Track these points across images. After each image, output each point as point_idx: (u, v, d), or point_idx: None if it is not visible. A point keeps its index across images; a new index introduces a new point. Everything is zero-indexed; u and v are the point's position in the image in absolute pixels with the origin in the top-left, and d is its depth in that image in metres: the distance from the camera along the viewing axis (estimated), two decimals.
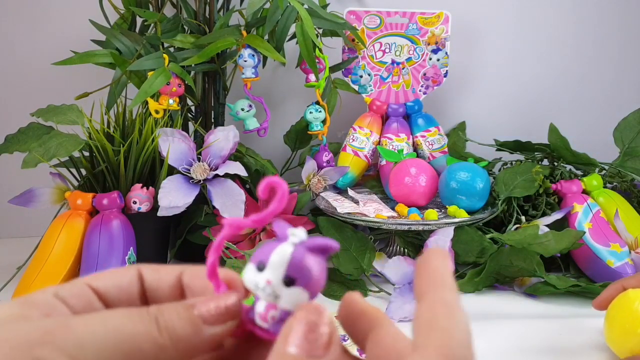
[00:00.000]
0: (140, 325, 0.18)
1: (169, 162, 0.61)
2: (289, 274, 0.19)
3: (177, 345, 0.19)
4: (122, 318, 0.18)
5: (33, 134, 0.61)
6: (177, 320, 0.19)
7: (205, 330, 0.19)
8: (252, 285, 0.20)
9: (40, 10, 0.78)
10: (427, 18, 0.76)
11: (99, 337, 0.17)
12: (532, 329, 0.54)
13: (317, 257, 0.20)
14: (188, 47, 0.66)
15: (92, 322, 0.18)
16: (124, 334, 0.18)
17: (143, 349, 0.18)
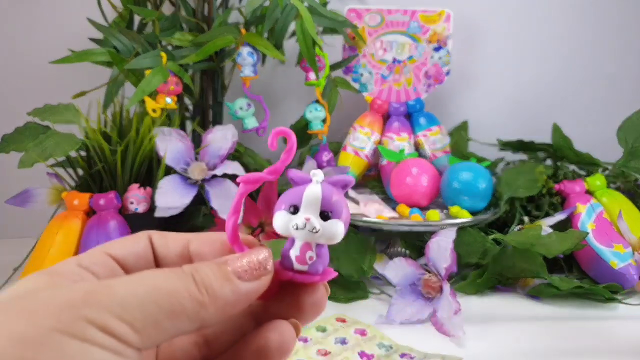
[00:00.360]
0: (178, 283, 0.18)
1: (167, 162, 0.60)
2: (324, 208, 0.20)
3: (216, 301, 0.19)
4: (159, 277, 0.18)
5: (30, 134, 0.61)
6: (213, 277, 0.19)
7: (240, 286, 0.19)
8: (287, 228, 0.20)
9: (37, 8, 0.77)
10: (429, 16, 0.76)
11: (141, 296, 0.17)
12: (535, 331, 0.53)
13: (340, 192, 0.21)
14: (186, 45, 0.66)
15: (131, 282, 0.18)
16: (163, 292, 0.18)
17: (185, 306, 0.18)
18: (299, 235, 0.20)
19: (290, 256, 0.20)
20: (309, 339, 0.51)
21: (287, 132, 0.22)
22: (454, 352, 0.49)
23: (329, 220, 0.21)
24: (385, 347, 0.50)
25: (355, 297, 0.60)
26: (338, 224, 0.21)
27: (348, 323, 0.54)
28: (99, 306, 0.17)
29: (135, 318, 0.17)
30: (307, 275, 0.21)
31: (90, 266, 0.20)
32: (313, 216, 0.20)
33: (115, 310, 0.17)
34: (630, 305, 0.58)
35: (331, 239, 0.21)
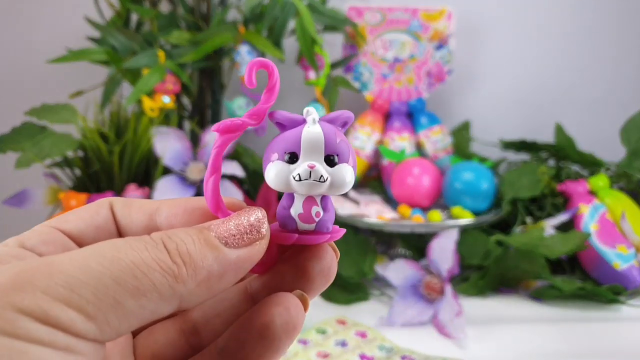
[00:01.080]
0: (144, 252, 0.14)
1: (165, 162, 0.59)
2: (329, 152, 0.17)
3: (196, 273, 0.14)
4: (119, 247, 0.14)
5: (27, 134, 0.60)
6: (192, 243, 0.15)
7: (228, 255, 0.15)
8: (286, 181, 0.17)
9: (34, 7, 0.77)
10: (430, 14, 0.75)
11: (94, 272, 0.13)
12: (538, 333, 0.53)
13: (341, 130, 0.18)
14: (184, 44, 0.65)
15: (80, 256, 0.14)
16: (125, 266, 0.13)
17: (154, 281, 0.14)
18: (301, 188, 0.17)
19: (292, 215, 0.17)
20: (309, 341, 0.50)
21: (267, 64, 0.18)
22: (455, 355, 0.48)
23: (337, 166, 0.17)
24: (386, 349, 0.49)
25: (355, 298, 0.60)
26: (347, 168, 0.17)
27: (348, 325, 0.53)
28: (35, 289, 0.13)
29: (87, 300, 0.13)
30: (316, 235, 0.17)
31: (37, 246, 0.16)
32: (317, 162, 0.17)
33: (58, 293, 0.13)
34: (633, 306, 0.58)
35: (340, 187, 0.17)
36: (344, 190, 0.17)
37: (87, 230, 0.17)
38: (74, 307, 0.13)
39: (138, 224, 0.17)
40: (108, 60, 0.62)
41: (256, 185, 0.67)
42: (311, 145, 0.16)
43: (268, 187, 0.64)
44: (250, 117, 0.18)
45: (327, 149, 0.17)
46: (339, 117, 0.18)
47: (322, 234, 0.17)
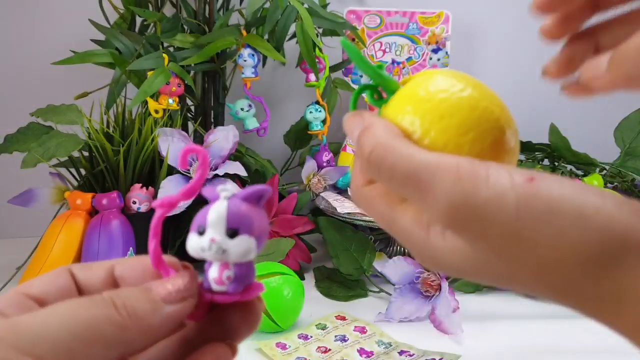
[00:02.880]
0: (96, 309, 0.17)
1: (169, 162, 0.60)
2: (229, 225, 0.19)
3: (139, 324, 0.18)
4: (75, 306, 0.17)
5: (32, 134, 0.61)
6: (135, 300, 0.18)
7: (165, 309, 0.19)
8: (198, 251, 0.19)
9: (39, 9, 0.78)
10: (428, 18, 0.76)
11: (54, 328, 0.16)
12: (533, 329, 0.54)
13: (252, 205, 0.20)
14: (188, 47, 0.66)
15: (42, 315, 0.17)
16: (80, 321, 0.17)
17: (104, 333, 0.17)
18: (209, 256, 0.19)
19: (208, 278, 0.20)
20: (310, 337, 0.52)
21: (196, 150, 0.20)
22: (452, 350, 0.49)
23: (237, 238, 0.19)
24: (385, 344, 0.50)
25: (354, 295, 0.61)
26: (248, 240, 0.19)
27: (348, 321, 0.55)
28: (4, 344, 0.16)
29: (47, 351, 0.16)
30: (227, 296, 0.20)
31: (4, 309, 0.18)
32: (219, 235, 0.19)
33: (23, 346, 0.16)
34: None
35: (243, 256, 0.19)
36: (249, 259, 0.19)
37: (50, 293, 0.20)
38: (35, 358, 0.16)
39: (98, 279, 0.21)
40: (112, 63, 0.64)
41: (258, 184, 0.68)
42: (213, 220, 0.19)
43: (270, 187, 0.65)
44: (184, 195, 0.20)
45: (229, 223, 0.19)
46: (254, 192, 0.20)
47: (232, 295, 0.20)
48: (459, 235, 0.21)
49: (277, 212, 0.66)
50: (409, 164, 0.22)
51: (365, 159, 0.23)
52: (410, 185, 0.22)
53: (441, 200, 0.21)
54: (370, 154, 0.23)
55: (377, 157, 0.23)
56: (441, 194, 0.21)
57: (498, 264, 0.21)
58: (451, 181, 0.21)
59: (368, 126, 0.24)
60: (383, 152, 0.22)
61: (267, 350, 0.49)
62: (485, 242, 0.21)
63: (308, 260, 0.67)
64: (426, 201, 0.21)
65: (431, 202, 0.21)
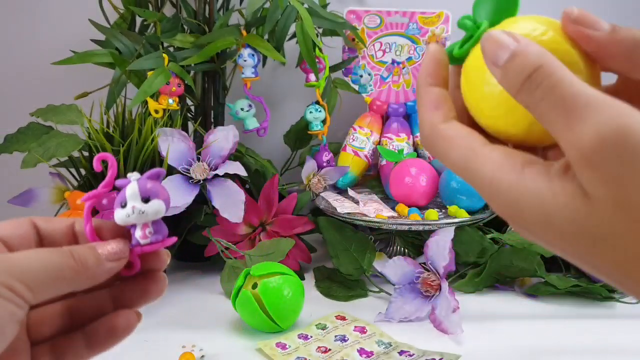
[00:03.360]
0: (61, 258, 0.25)
1: (169, 162, 0.61)
2: (142, 195, 0.27)
3: (87, 272, 0.26)
4: (48, 254, 0.25)
5: (32, 134, 0.61)
6: (87, 254, 0.26)
7: (106, 265, 0.26)
8: (124, 218, 0.27)
9: (39, 10, 0.78)
10: (428, 18, 0.76)
11: (35, 265, 0.24)
12: (533, 329, 0.54)
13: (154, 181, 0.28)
14: (188, 47, 0.66)
15: (27, 256, 0.25)
16: (51, 264, 0.25)
17: (65, 274, 0.25)
18: (135, 221, 0.27)
19: (136, 236, 0.27)
20: (310, 337, 0.52)
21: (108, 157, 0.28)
22: (452, 350, 0.50)
23: (150, 202, 0.27)
24: (385, 344, 0.50)
25: (354, 295, 0.61)
26: (158, 201, 0.27)
27: (348, 321, 0.55)
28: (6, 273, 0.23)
29: (31, 281, 0.24)
30: (152, 245, 0.27)
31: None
32: (137, 203, 0.27)
33: (17, 275, 0.23)
34: (627, 303, 0.59)
35: (158, 213, 0.27)
36: (162, 214, 0.27)
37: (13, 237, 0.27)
38: (24, 284, 0.23)
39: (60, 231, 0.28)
40: (112, 63, 0.64)
41: (258, 184, 0.68)
42: (131, 194, 0.27)
43: (270, 187, 0.65)
44: (102, 187, 0.28)
45: (142, 194, 0.27)
46: (153, 173, 0.28)
47: (155, 244, 0.27)
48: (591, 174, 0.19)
49: (277, 212, 0.66)
50: (569, 88, 0.21)
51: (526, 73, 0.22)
52: (561, 108, 0.21)
53: (590, 130, 0.19)
54: (538, 69, 0.22)
55: (543, 74, 0.22)
56: (593, 124, 0.19)
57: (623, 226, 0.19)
58: (608, 115, 0.19)
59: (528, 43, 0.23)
60: (550, 70, 0.21)
61: (267, 350, 0.49)
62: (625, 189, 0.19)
63: (308, 260, 0.67)
64: (571, 130, 0.20)
65: (577, 131, 0.20)
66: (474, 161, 0.23)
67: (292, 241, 0.61)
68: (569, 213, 0.20)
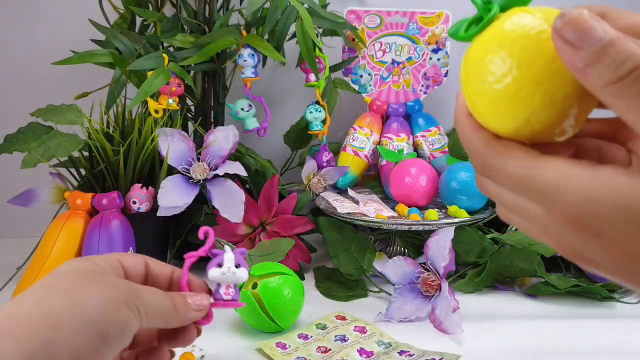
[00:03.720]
0: (168, 302, 0.33)
1: (169, 162, 0.61)
2: (236, 262, 0.38)
3: (179, 316, 0.34)
4: (161, 296, 0.33)
5: (32, 134, 0.61)
6: (181, 303, 0.34)
7: (191, 313, 0.34)
8: (219, 276, 0.36)
9: (39, 10, 0.78)
10: (428, 18, 0.76)
11: (152, 300, 0.32)
12: (533, 329, 0.54)
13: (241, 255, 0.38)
14: (188, 47, 0.66)
15: (150, 291, 0.33)
16: (160, 304, 0.33)
17: (165, 314, 0.33)
18: (226, 280, 0.37)
19: (220, 292, 0.37)
20: (310, 337, 0.52)
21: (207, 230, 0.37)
22: (452, 350, 0.50)
23: (240, 268, 0.38)
24: (385, 344, 0.50)
25: (354, 295, 0.61)
26: (244, 270, 0.38)
27: (348, 321, 0.55)
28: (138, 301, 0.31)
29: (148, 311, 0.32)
30: (232, 302, 0.37)
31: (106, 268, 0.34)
32: (232, 266, 0.37)
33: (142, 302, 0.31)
34: (627, 303, 0.59)
35: (242, 278, 0.37)
36: (244, 280, 0.37)
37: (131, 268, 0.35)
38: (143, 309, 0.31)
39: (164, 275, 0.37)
40: (112, 63, 0.64)
41: (258, 184, 0.68)
42: (228, 259, 0.37)
43: (270, 187, 0.65)
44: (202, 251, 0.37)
45: (236, 262, 0.37)
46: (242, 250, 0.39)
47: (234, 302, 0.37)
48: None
49: (277, 212, 0.66)
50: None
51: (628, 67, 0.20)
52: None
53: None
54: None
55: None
56: None
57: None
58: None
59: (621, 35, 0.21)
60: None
61: (267, 350, 0.49)
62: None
63: (308, 260, 0.67)
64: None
65: None
66: (536, 167, 0.23)
67: (292, 241, 0.61)
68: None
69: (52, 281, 0.31)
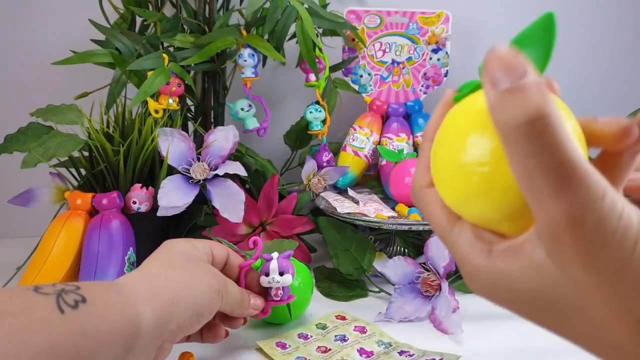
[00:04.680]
0: (239, 297, 0.44)
1: (169, 162, 0.61)
2: (280, 270, 0.47)
3: (242, 310, 0.45)
4: (238, 291, 0.44)
5: (32, 134, 0.61)
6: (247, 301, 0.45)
7: (251, 310, 0.46)
8: (265, 284, 0.47)
9: (39, 10, 0.78)
10: (428, 18, 0.76)
11: (231, 295, 0.42)
12: (533, 329, 0.53)
13: (286, 259, 0.48)
14: (188, 47, 0.66)
15: (233, 286, 0.43)
16: (235, 298, 0.43)
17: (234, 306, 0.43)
18: (272, 284, 0.47)
19: (271, 294, 0.47)
20: (310, 336, 0.52)
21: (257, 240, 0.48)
22: (452, 350, 0.50)
23: (284, 275, 0.47)
24: (385, 344, 0.50)
25: (354, 295, 0.61)
26: (288, 276, 0.47)
27: (348, 320, 0.55)
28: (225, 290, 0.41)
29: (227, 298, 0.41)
30: (281, 301, 0.48)
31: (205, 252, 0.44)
32: (276, 274, 0.47)
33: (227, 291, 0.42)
34: None
35: (286, 283, 0.47)
36: (289, 284, 0.48)
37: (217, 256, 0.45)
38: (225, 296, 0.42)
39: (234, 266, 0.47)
40: (112, 63, 0.64)
41: (258, 184, 0.68)
42: (273, 269, 0.47)
43: (270, 187, 0.65)
44: (253, 260, 0.47)
45: (279, 269, 0.47)
46: (286, 254, 0.48)
47: (283, 301, 0.48)
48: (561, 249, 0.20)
49: (277, 212, 0.66)
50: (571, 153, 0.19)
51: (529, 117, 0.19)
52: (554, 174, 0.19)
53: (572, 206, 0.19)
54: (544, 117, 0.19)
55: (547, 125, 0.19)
56: (578, 200, 0.19)
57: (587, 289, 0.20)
58: (595, 195, 0.19)
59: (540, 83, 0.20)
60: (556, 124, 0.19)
61: (267, 349, 0.49)
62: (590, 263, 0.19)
63: (308, 260, 0.67)
64: (556, 201, 0.19)
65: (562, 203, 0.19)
66: (449, 236, 0.25)
67: (295, 242, 0.61)
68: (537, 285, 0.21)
69: (171, 259, 0.40)
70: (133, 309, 0.33)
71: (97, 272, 0.54)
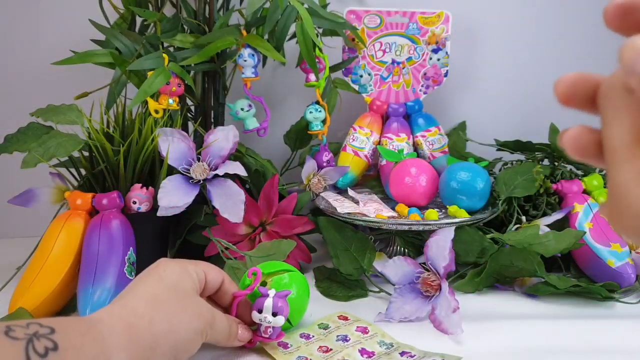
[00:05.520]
0: (227, 330, 0.44)
1: (169, 162, 0.61)
2: (273, 310, 0.46)
3: (228, 342, 0.45)
4: (225, 325, 0.44)
5: (32, 134, 0.61)
6: (233, 333, 0.46)
7: (236, 342, 0.46)
8: (256, 320, 0.47)
9: (39, 10, 0.78)
10: (428, 18, 0.76)
11: (217, 330, 0.43)
12: (533, 330, 0.54)
13: (283, 299, 0.47)
14: (188, 47, 0.66)
15: (220, 321, 0.44)
16: (221, 333, 0.44)
17: (219, 339, 0.44)
18: (262, 322, 0.46)
19: (260, 330, 0.47)
20: (311, 336, 0.52)
21: (257, 270, 0.48)
22: (452, 350, 0.49)
23: (276, 317, 0.46)
24: (386, 345, 0.50)
25: (354, 295, 0.61)
26: (281, 318, 0.46)
27: (350, 321, 0.55)
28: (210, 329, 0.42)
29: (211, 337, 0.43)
30: (269, 339, 0.47)
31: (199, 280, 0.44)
32: (269, 314, 0.46)
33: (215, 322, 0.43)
34: (627, 303, 0.59)
35: (278, 324, 0.46)
36: (280, 326, 0.47)
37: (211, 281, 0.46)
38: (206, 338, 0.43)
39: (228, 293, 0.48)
40: (112, 63, 0.64)
41: (258, 184, 0.68)
42: (266, 307, 0.46)
43: (270, 187, 0.65)
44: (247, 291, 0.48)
45: (274, 309, 0.46)
46: (284, 293, 0.47)
47: (270, 339, 0.47)
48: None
49: (277, 212, 0.66)
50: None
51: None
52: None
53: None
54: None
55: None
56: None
57: None
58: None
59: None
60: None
61: (269, 348, 0.49)
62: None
63: (308, 260, 0.67)
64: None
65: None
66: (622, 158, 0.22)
67: (293, 243, 0.61)
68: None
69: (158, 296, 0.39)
70: (107, 358, 0.33)
71: (97, 272, 0.54)
